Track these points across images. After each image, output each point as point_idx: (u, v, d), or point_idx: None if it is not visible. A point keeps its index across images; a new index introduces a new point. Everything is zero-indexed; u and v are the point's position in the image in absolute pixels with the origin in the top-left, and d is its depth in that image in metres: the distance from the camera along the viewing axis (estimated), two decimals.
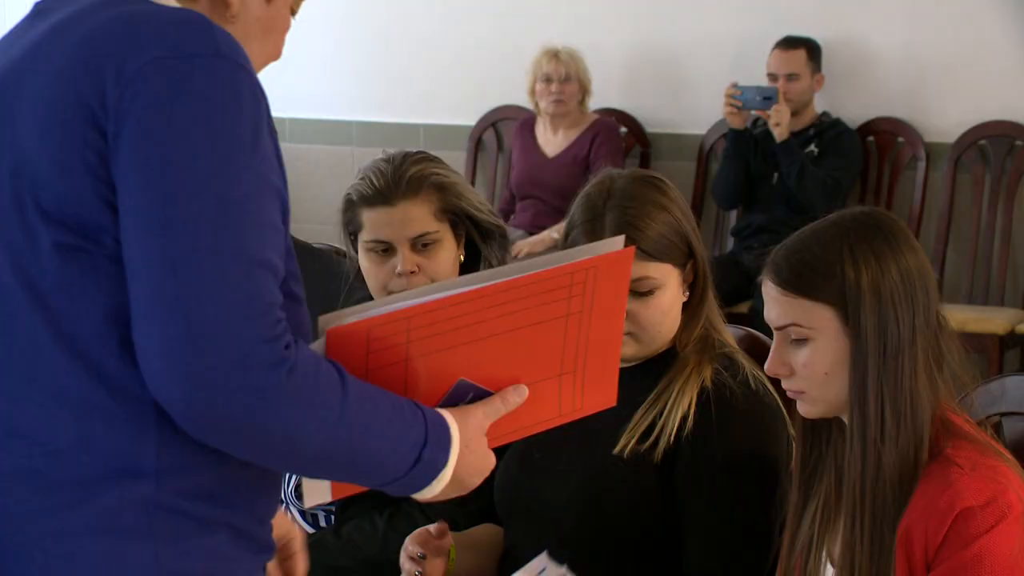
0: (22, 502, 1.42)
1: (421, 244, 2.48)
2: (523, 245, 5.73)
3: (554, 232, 5.80)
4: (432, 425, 1.51)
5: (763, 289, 1.96)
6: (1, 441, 1.44)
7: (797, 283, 1.91)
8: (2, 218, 1.45)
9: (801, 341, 1.92)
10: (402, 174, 2.48)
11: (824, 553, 1.98)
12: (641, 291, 2.21)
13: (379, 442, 1.47)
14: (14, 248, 1.44)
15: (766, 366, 1.97)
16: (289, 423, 1.41)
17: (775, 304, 1.94)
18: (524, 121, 6.23)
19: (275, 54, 1.62)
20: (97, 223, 1.41)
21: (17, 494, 1.42)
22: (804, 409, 1.97)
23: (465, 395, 1.56)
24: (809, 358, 1.92)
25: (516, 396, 1.60)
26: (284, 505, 2.63)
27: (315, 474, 1.54)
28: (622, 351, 2.18)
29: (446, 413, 1.54)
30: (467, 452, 1.54)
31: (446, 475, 1.53)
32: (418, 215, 2.47)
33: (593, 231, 2.22)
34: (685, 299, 2.27)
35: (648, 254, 2.21)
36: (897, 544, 1.85)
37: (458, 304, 1.52)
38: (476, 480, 1.57)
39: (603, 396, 1.72)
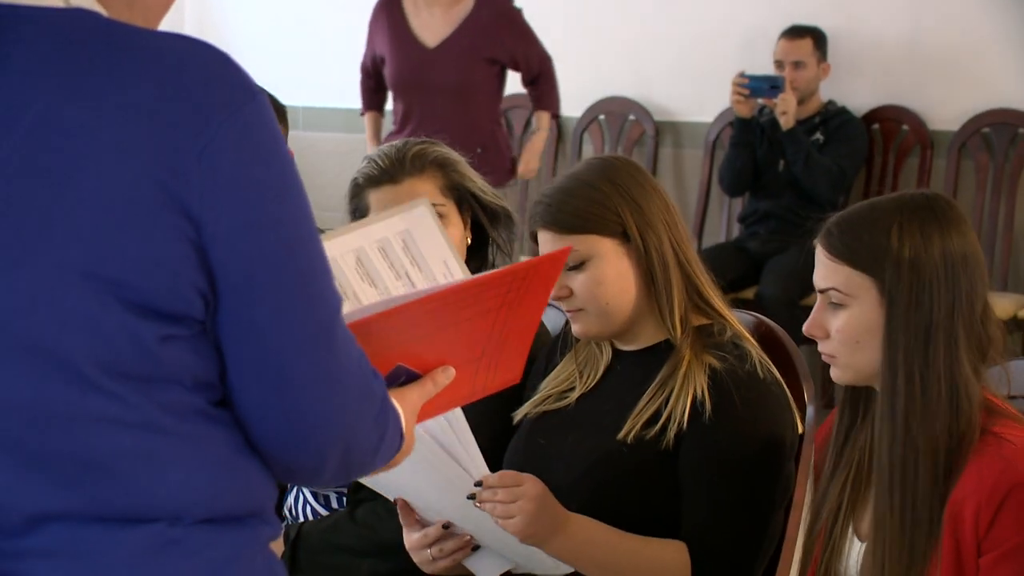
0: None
1: None
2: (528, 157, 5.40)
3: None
4: (395, 414, 1.50)
5: (816, 253, 1.98)
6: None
7: (843, 250, 1.94)
8: (87, 323, 1.30)
9: (839, 306, 1.95)
10: (405, 153, 2.50)
11: (851, 528, 1.98)
12: (571, 265, 2.22)
13: (371, 435, 1.47)
14: (102, 349, 1.31)
15: (805, 326, 2.00)
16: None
17: (821, 267, 1.97)
18: (388, 0, 5.40)
19: (165, 10, 1.47)
20: (187, 311, 1.33)
21: (160, 565, 1.35)
22: (835, 374, 2.00)
23: (398, 378, 1.57)
24: (844, 323, 1.95)
25: (444, 377, 1.60)
26: (296, 488, 2.64)
27: (320, 465, 1.50)
28: (587, 329, 2.26)
29: (393, 399, 1.53)
30: (408, 437, 1.53)
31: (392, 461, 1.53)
32: (424, 190, 2.47)
33: (533, 221, 2.27)
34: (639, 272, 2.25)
35: (568, 227, 2.22)
36: (945, 521, 1.86)
37: (411, 310, 1.54)
38: (402, 459, 1.56)
39: (511, 374, 1.74)
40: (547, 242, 2.25)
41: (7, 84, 1.31)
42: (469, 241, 2.57)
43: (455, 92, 5.20)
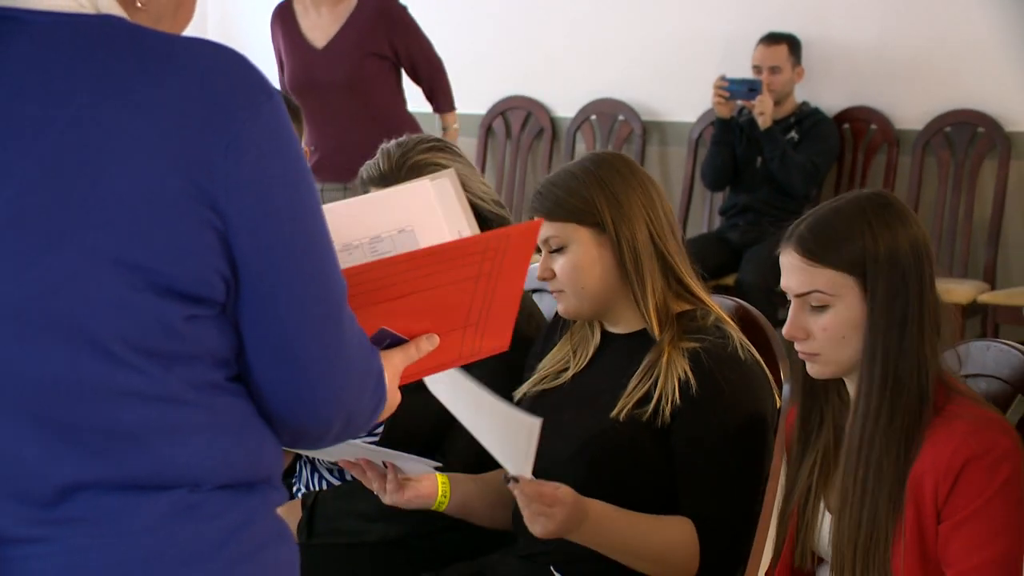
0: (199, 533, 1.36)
1: None
2: None
3: None
4: (380, 370, 1.51)
5: (783, 260, 1.96)
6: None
7: (822, 253, 1.92)
8: (116, 305, 1.30)
9: (821, 307, 1.94)
10: (405, 160, 2.45)
11: (822, 503, 1.99)
12: (552, 248, 2.26)
13: (369, 403, 1.49)
14: (129, 329, 1.31)
15: (784, 330, 1.99)
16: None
17: (797, 272, 1.95)
18: (281, 5, 5.09)
19: (188, 22, 1.49)
20: (210, 294, 1.34)
21: (180, 528, 1.35)
22: (816, 370, 1.98)
23: (382, 341, 1.57)
24: (829, 323, 1.93)
25: (428, 344, 1.60)
26: (310, 464, 2.64)
27: (325, 431, 1.51)
28: (565, 307, 2.28)
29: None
30: (391, 398, 1.54)
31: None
32: None
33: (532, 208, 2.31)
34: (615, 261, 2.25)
35: (551, 214, 2.25)
36: (907, 492, 1.87)
37: (383, 267, 1.53)
38: (385, 415, 1.56)
39: (498, 341, 1.72)
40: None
41: (45, 83, 1.31)
42: None
43: (347, 88, 4.91)
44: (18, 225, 1.29)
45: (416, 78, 5.19)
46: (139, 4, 1.41)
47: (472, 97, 6.39)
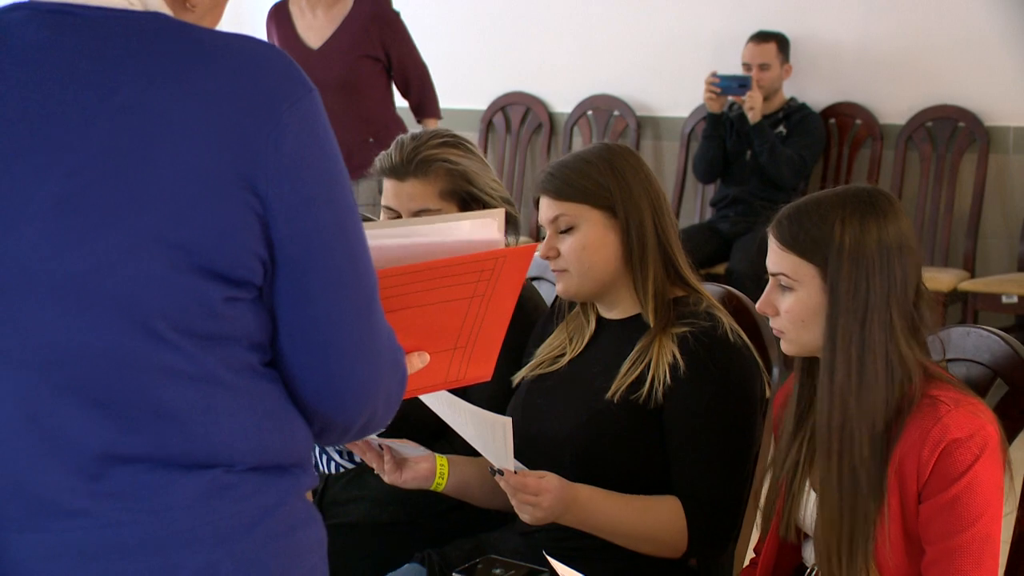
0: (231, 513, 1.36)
1: None
2: None
3: None
4: (405, 369, 1.50)
5: (768, 240, 1.97)
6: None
7: (791, 240, 1.92)
8: (159, 283, 1.30)
9: (787, 289, 1.94)
10: (416, 154, 2.42)
11: (808, 483, 1.99)
12: (561, 228, 2.24)
13: (393, 400, 1.47)
14: (172, 307, 1.31)
15: (757, 304, 2.00)
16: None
17: (772, 253, 1.96)
18: (277, 5, 5.04)
19: (218, 21, 1.50)
20: (249, 277, 1.34)
21: (215, 507, 1.34)
22: (784, 347, 1.99)
23: None
24: (791, 305, 1.93)
25: (419, 361, 1.58)
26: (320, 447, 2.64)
27: (350, 424, 1.48)
28: (566, 287, 2.26)
29: None
30: None
31: None
32: (422, 193, 2.41)
33: (536, 189, 2.28)
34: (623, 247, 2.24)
35: (563, 195, 2.23)
36: (890, 474, 1.86)
37: (381, 279, 1.49)
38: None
39: (482, 370, 1.68)
40: (545, 207, 2.26)
41: (98, 71, 1.32)
42: None
43: (340, 88, 4.82)
44: (71, 204, 1.29)
45: (405, 84, 5.10)
46: (188, 4, 1.43)
47: (473, 93, 6.40)
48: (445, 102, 6.25)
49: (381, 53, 4.94)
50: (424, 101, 5.16)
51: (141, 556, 1.31)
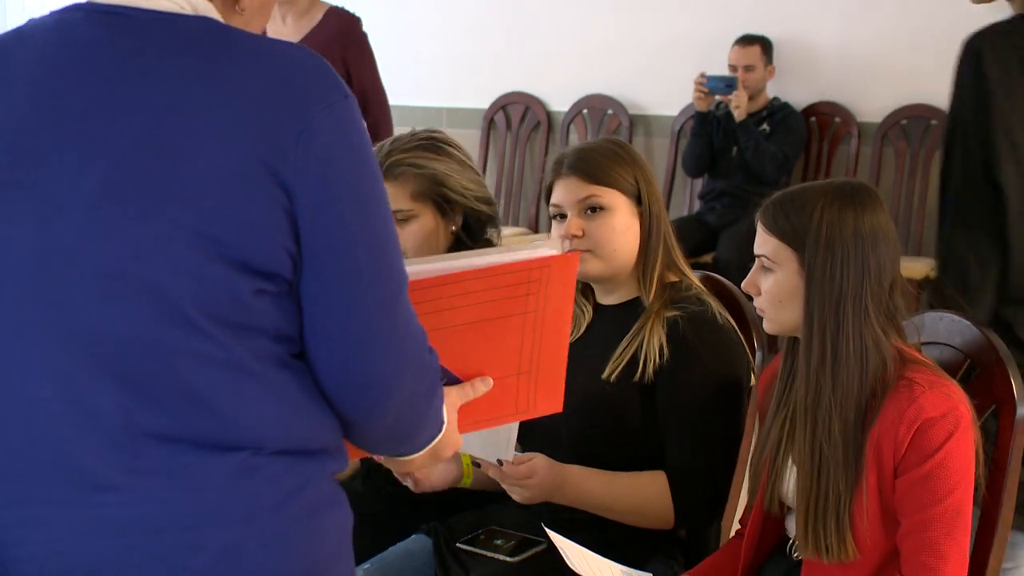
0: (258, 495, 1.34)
1: (396, 219, 2.31)
2: None
3: None
4: (442, 395, 1.46)
5: (757, 224, 1.97)
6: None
7: (773, 224, 1.92)
8: (193, 274, 1.29)
9: (768, 270, 1.94)
10: (388, 158, 2.37)
11: (790, 458, 1.99)
12: (592, 207, 2.21)
13: (420, 403, 1.44)
14: (204, 297, 1.30)
15: (743, 284, 2.00)
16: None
17: (758, 236, 1.96)
18: None
19: (264, 24, 1.51)
20: (278, 270, 1.33)
21: (244, 487, 1.33)
22: (766, 326, 1.99)
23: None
24: (770, 286, 1.94)
25: (483, 385, 1.56)
26: None
27: (373, 422, 1.44)
28: (588, 268, 2.21)
29: None
30: (450, 428, 1.49)
31: (433, 445, 1.48)
32: (393, 195, 2.32)
33: (557, 171, 2.25)
34: (640, 234, 2.24)
35: (595, 178, 2.21)
36: (868, 452, 1.86)
37: (424, 289, 1.45)
38: (448, 453, 1.51)
39: (552, 401, 1.64)
40: (572, 188, 2.22)
41: (143, 69, 1.32)
42: (454, 230, 2.42)
43: None
44: (112, 195, 1.29)
45: (363, 105, 4.72)
46: (238, 8, 1.43)
47: (476, 93, 6.40)
48: (450, 101, 6.26)
49: (343, 71, 4.69)
50: (380, 125, 4.87)
51: (171, 533, 1.30)
